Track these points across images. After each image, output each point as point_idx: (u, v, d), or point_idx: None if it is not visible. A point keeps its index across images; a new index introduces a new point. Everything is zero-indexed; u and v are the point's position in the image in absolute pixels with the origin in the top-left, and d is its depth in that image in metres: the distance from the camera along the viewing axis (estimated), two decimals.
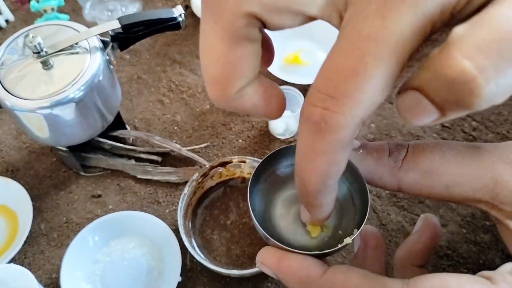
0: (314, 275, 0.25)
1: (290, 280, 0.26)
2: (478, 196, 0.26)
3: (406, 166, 0.27)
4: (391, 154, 0.28)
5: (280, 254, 0.26)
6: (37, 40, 0.59)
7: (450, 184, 0.26)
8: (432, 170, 0.26)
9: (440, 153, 0.26)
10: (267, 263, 0.27)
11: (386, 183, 0.28)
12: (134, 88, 0.86)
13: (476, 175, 0.25)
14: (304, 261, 0.26)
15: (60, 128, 0.64)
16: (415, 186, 0.27)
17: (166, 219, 0.68)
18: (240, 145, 0.77)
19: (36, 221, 0.71)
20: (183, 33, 0.93)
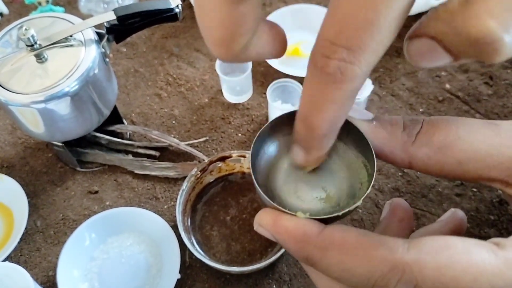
0: (310, 233, 0.24)
1: (286, 240, 0.25)
2: (493, 175, 0.25)
3: (419, 141, 0.26)
4: (405, 128, 0.27)
5: (276, 214, 0.26)
6: (31, 33, 0.58)
7: (464, 160, 0.25)
8: (446, 146, 0.25)
9: (455, 129, 0.25)
10: (264, 224, 0.26)
11: (397, 158, 0.27)
12: (131, 81, 0.84)
13: (492, 152, 0.24)
14: (301, 221, 0.25)
15: (55, 122, 0.62)
16: (427, 162, 0.26)
17: (165, 215, 0.67)
18: (239, 139, 0.75)
19: (32, 218, 0.70)
20: (180, 25, 0.91)
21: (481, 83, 0.79)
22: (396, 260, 0.22)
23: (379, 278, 0.22)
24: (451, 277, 0.21)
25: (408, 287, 0.21)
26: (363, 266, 0.22)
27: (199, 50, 0.88)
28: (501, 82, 0.79)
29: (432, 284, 0.21)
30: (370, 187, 0.27)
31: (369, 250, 0.22)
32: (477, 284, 0.21)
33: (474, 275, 0.21)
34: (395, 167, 0.70)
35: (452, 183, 0.69)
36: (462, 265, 0.21)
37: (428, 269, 0.21)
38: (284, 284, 0.62)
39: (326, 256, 0.23)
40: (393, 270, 0.22)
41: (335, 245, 0.23)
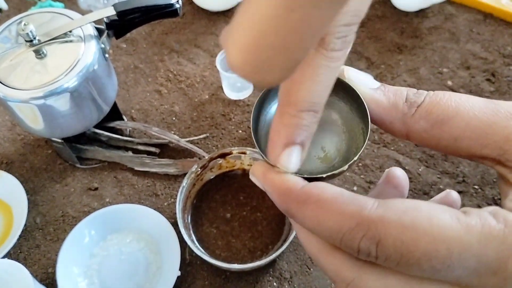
0: (293, 188, 0.26)
1: (272, 192, 0.27)
2: (485, 152, 0.26)
3: (418, 114, 0.27)
4: (407, 100, 0.28)
5: (267, 168, 0.27)
6: (30, 28, 0.57)
7: (459, 137, 0.26)
8: (444, 121, 0.26)
9: (455, 105, 0.26)
10: (255, 174, 0.28)
11: (395, 129, 0.28)
12: (130, 78, 0.84)
13: (488, 131, 0.25)
14: (286, 176, 0.26)
15: (55, 119, 0.62)
16: (423, 135, 0.27)
17: (165, 212, 0.67)
18: (240, 136, 0.75)
19: (31, 214, 0.69)
20: (181, 21, 0.91)
21: (483, 80, 0.79)
22: (363, 216, 0.23)
23: (346, 232, 0.23)
24: (412, 237, 0.22)
25: (371, 242, 0.23)
26: (333, 220, 0.24)
27: (199, 46, 0.87)
28: (503, 79, 0.79)
29: (393, 242, 0.22)
30: (358, 155, 0.28)
31: (341, 206, 0.24)
32: (434, 245, 0.22)
33: (433, 237, 0.22)
34: (396, 164, 0.70)
35: (454, 180, 0.68)
36: (423, 226, 0.22)
37: (391, 228, 0.22)
38: (285, 281, 0.62)
39: (302, 209, 0.25)
40: (359, 226, 0.23)
41: (311, 200, 0.25)
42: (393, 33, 0.85)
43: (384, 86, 0.29)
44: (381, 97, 0.28)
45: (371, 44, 0.85)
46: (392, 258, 0.22)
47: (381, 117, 0.28)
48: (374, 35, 0.85)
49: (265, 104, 0.31)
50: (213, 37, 0.88)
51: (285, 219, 0.64)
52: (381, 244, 0.22)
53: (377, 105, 0.28)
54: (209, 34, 0.89)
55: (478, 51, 0.82)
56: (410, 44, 0.84)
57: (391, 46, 0.84)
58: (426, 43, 0.84)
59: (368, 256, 0.23)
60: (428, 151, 0.71)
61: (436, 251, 0.22)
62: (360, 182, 0.69)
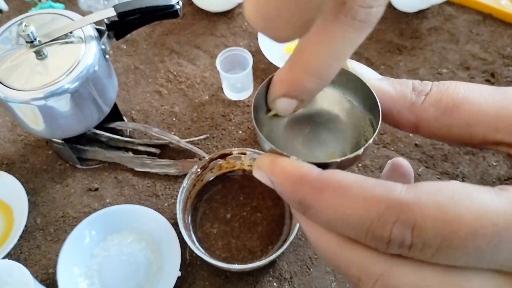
0: (308, 175, 0.23)
1: (282, 181, 0.24)
2: (500, 137, 0.25)
3: (427, 101, 0.26)
4: (414, 89, 0.27)
5: (275, 157, 0.25)
6: (30, 29, 0.58)
7: (471, 122, 0.25)
8: (454, 107, 0.25)
9: (464, 91, 0.25)
10: (262, 165, 0.25)
11: (403, 119, 0.27)
12: (131, 78, 0.84)
13: (501, 114, 0.24)
14: (299, 163, 0.24)
15: (55, 120, 0.62)
16: (434, 124, 0.26)
17: (165, 213, 0.67)
18: (240, 137, 0.75)
19: (32, 215, 0.69)
20: (181, 22, 0.91)
21: (483, 81, 0.79)
22: (394, 199, 0.20)
23: (375, 219, 0.21)
24: (453, 215, 0.20)
25: (406, 227, 0.20)
26: (358, 206, 0.21)
27: (199, 47, 0.87)
28: (502, 80, 0.79)
29: (433, 224, 0.20)
30: (373, 138, 0.26)
31: (366, 190, 0.21)
32: (480, 222, 0.20)
33: (477, 214, 0.20)
34: None
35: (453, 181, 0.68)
36: (464, 204, 0.20)
37: (428, 209, 0.20)
38: (285, 281, 0.62)
39: (321, 197, 0.22)
40: (390, 209, 0.20)
41: (330, 186, 0.22)
42: (392, 34, 0.86)
43: (388, 77, 0.28)
44: (388, 87, 0.27)
45: (371, 44, 0.85)
46: (431, 242, 0.20)
47: (388, 107, 0.27)
48: (374, 36, 0.86)
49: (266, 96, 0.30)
50: (213, 38, 0.88)
51: (285, 220, 0.64)
52: (417, 228, 0.20)
53: (383, 95, 0.27)
54: (209, 35, 0.89)
55: (478, 52, 0.83)
56: (409, 44, 0.84)
57: (391, 47, 0.84)
58: (426, 43, 0.84)
59: (400, 246, 0.20)
60: (428, 152, 0.71)
61: (482, 227, 0.19)
62: None
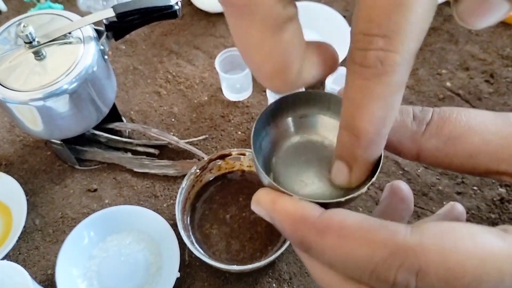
0: (309, 215, 0.23)
1: (283, 220, 0.24)
2: (503, 168, 0.24)
3: (429, 131, 0.25)
4: (415, 118, 0.26)
5: (276, 194, 0.25)
6: (29, 30, 0.57)
7: (474, 153, 0.24)
8: (456, 137, 0.25)
9: (466, 120, 0.25)
10: (262, 202, 0.25)
11: (405, 149, 0.26)
12: (130, 79, 0.84)
13: (504, 144, 0.24)
14: (300, 202, 0.24)
15: (54, 120, 0.62)
16: (436, 154, 0.25)
17: (164, 214, 0.67)
18: (239, 137, 0.75)
19: (31, 216, 0.69)
20: (180, 22, 0.91)
21: (482, 81, 0.79)
22: (398, 243, 0.20)
23: (379, 263, 0.20)
24: (457, 261, 0.20)
25: (410, 272, 0.20)
26: (361, 250, 0.21)
27: (198, 47, 0.87)
28: (502, 80, 0.79)
29: (436, 270, 0.20)
30: (375, 176, 0.25)
31: (369, 233, 0.21)
32: (484, 269, 0.19)
33: (481, 260, 0.19)
34: (395, 165, 0.70)
35: (453, 181, 0.68)
36: (468, 249, 0.20)
37: (432, 254, 0.20)
38: (284, 282, 0.62)
39: (323, 239, 0.22)
40: (395, 254, 0.20)
41: (333, 228, 0.22)
42: None
43: None
44: None
45: None
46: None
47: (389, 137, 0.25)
48: None
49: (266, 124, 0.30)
50: (212, 38, 0.88)
51: None
52: (422, 274, 0.20)
53: None
54: (208, 35, 0.89)
55: (477, 52, 0.83)
56: None
57: None
58: (425, 44, 0.84)
59: None
60: None
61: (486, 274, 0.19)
62: None
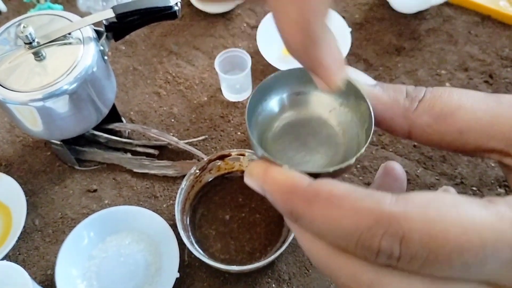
0: (299, 185, 0.23)
1: (274, 191, 0.24)
2: (492, 145, 0.25)
3: (421, 108, 0.26)
4: (407, 95, 0.27)
5: (267, 165, 0.25)
6: (29, 30, 0.57)
7: (464, 129, 0.25)
8: (447, 114, 0.25)
9: (458, 98, 0.25)
10: (254, 173, 0.25)
11: (397, 126, 0.27)
12: (129, 79, 0.84)
13: (493, 122, 0.24)
14: (291, 173, 0.24)
15: (54, 121, 0.62)
16: (427, 131, 0.26)
17: (164, 214, 0.67)
18: (239, 138, 0.75)
19: (30, 216, 0.69)
20: (179, 23, 0.91)
21: (481, 82, 0.79)
22: (383, 211, 0.21)
23: (364, 230, 0.21)
24: (440, 229, 0.20)
25: (394, 239, 0.20)
26: (348, 218, 0.21)
27: (198, 48, 0.87)
28: (501, 81, 0.79)
29: (420, 237, 0.20)
30: (364, 148, 0.26)
31: (356, 202, 0.22)
32: (466, 236, 0.20)
33: (463, 228, 0.20)
34: None
35: (452, 182, 0.68)
36: (451, 218, 0.20)
37: (416, 222, 0.20)
38: (284, 283, 0.62)
39: (311, 208, 0.23)
40: (379, 222, 0.21)
41: (321, 197, 0.22)
42: (391, 35, 0.86)
43: (382, 83, 0.28)
44: (381, 93, 0.27)
45: (370, 46, 0.85)
46: (418, 255, 0.20)
47: (382, 113, 0.27)
48: (373, 37, 0.86)
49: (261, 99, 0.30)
50: (212, 39, 0.88)
51: (284, 221, 0.64)
52: (405, 241, 0.20)
53: (377, 101, 0.27)
54: (208, 36, 0.89)
55: (476, 53, 0.83)
56: (408, 46, 0.84)
57: (389, 48, 0.84)
58: (424, 45, 0.84)
59: (389, 258, 0.21)
60: (426, 153, 0.71)
61: (468, 242, 0.20)
62: (358, 184, 0.69)
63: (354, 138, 0.29)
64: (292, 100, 0.31)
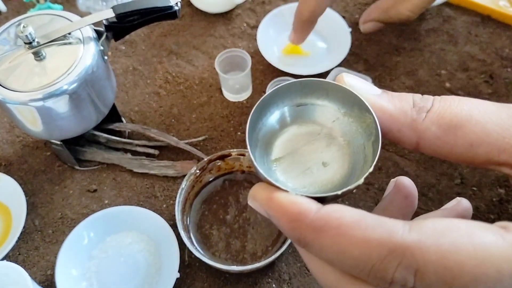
0: (306, 212, 0.23)
1: (280, 217, 0.24)
2: (503, 158, 0.24)
3: (429, 119, 0.25)
4: (415, 105, 0.26)
5: (272, 190, 0.24)
6: (29, 30, 0.57)
7: (475, 143, 0.24)
8: (457, 126, 0.24)
9: (467, 109, 0.24)
10: (258, 198, 0.25)
11: (404, 137, 0.26)
12: (129, 79, 0.84)
13: (505, 134, 0.24)
14: (297, 198, 0.23)
15: (54, 121, 0.62)
16: (436, 143, 0.25)
17: (164, 214, 0.67)
18: (239, 138, 0.75)
19: (30, 216, 0.69)
20: (179, 23, 0.91)
21: (481, 82, 0.79)
22: (396, 242, 0.20)
23: (377, 262, 0.20)
24: (455, 261, 0.20)
25: (408, 272, 0.20)
26: (359, 249, 0.21)
27: (198, 48, 0.87)
28: (501, 81, 0.79)
29: (435, 269, 0.20)
30: (373, 166, 0.25)
31: (367, 231, 0.21)
32: (483, 268, 0.19)
33: (479, 259, 0.19)
34: (395, 166, 0.70)
35: (452, 182, 0.68)
36: (466, 249, 0.20)
37: (431, 253, 0.20)
38: (284, 283, 0.62)
39: (320, 237, 0.22)
40: (393, 253, 0.20)
41: (330, 226, 0.22)
42: (391, 35, 0.86)
43: (387, 92, 0.26)
44: (387, 103, 0.26)
45: (369, 46, 0.85)
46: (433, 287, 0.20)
47: (388, 125, 0.26)
48: (372, 37, 0.86)
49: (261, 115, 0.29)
50: (212, 39, 0.88)
51: None
52: (420, 273, 0.20)
53: (383, 112, 0.26)
54: (208, 36, 0.89)
55: (476, 53, 0.83)
56: (408, 46, 0.84)
57: (389, 48, 0.84)
58: (425, 45, 0.84)
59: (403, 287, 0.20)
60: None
61: (485, 274, 0.19)
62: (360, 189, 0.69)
63: (361, 150, 0.28)
64: (293, 113, 0.30)
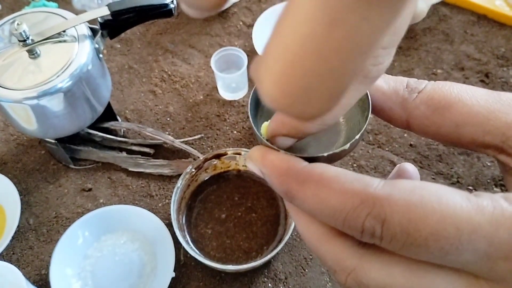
0: (293, 168, 0.25)
1: (271, 173, 0.26)
2: (488, 140, 0.25)
3: (419, 99, 0.27)
4: (408, 86, 0.27)
5: (265, 150, 0.27)
6: (23, 28, 0.57)
7: (461, 123, 0.26)
8: (445, 107, 0.26)
9: (457, 92, 0.26)
10: (253, 157, 0.27)
11: (395, 115, 0.28)
12: (125, 78, 0.83)
13: (490, 117, 0.25)
14: (287, 156, 0.26)
15: (48, 119, 0.61)
16: (424, 122, 0.27)
17: (159, 213, 0.66)
18: (235, 137, 0.75)
19: (25, 215, 0.69)
20: (175, 21, 0.90)
21: (477, 81, 0.79)
22: (368, 194, 0.22)
23: (350, 211, 0.22)
24: (419, 215, 0.21)
25: (377, 221, 0.22)
26: (336, 198, 0.23)
27: (194, 46, 0.87)
28: (497, 80, 0.79)
29: (400, 221, 0.21)
30: (360, 134, 0.27)
31: (345, 184, 0.23)
32: (443, 224, 0.21)
33: (442, 216, 0.21)
34: (391, 164, 0.70)
35: (448, 181, 0.68)
36: (432, 205, 0.21)
37: (398, 206, 0.21)
38: (280, 282, 0.62)
39: (303, 189, 0.24)
40: (364, 203, 0.22)
41: (313, 179, 0.24)
42: None
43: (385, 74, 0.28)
44: (381, 82, 0.28)
45: None
46: (397, 237, 0.21)
47: (381, 103, 0.28)
48: None
49: None
50: (208, 37, 0.88)
51: (280, 220, 0.64)
52: (387, 223, 0.21)
53: (376, 90, 0.28)
54: (203, 34, 0.88)
55: (472, 52, 0.83)
56: (404, 45, 0.84)
57: None
58: (421, 44, 0.84)
59: (372, 237, 0.22)
60: (423, 152, 0.71)
61: (444, 230, 0.21)
62: None
63: (356, 126, 0.30)
64: None
